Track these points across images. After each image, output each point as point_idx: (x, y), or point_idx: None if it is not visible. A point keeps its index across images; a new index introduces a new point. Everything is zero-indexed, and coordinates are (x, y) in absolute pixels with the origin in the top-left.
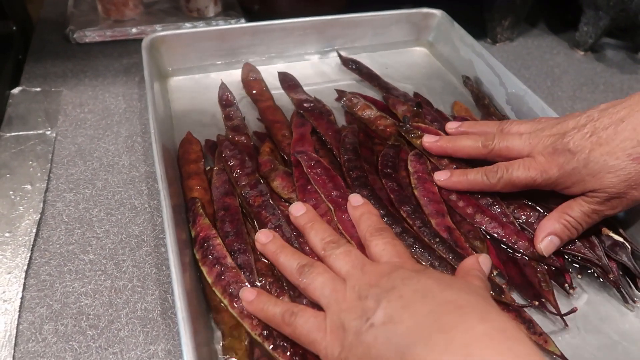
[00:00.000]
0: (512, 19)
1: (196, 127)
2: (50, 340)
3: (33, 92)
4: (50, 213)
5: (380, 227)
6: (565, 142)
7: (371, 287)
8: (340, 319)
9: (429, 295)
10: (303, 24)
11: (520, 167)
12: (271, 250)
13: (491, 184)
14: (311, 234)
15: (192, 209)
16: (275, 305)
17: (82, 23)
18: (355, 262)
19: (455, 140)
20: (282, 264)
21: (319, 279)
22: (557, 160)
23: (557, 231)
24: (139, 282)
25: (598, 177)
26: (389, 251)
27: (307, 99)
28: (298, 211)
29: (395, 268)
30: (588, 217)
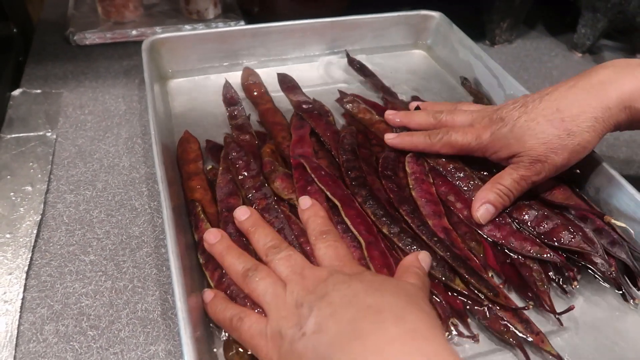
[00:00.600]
0: (510, 21)
1: (196, 128)
2: (51, 340)
3: (33, 93)
4: (51, 214)
5: (323, 230)
6: (499, 112)
7: (308, 293)
8: (278, 326)
9: (354, 301)
10: (302, 26)
11: (459, 132)
12: (218, 250)
13: (431, 143)
14: (254, 238)
15: (194, 213)
16: (225, 310)
17: (83, 25)
18: (295, 267)
19: (412, 115)
20: (228, 266)
21: (262, 284)
22: (490, 127)
23: (491, 199)
24: (140, 283)
25: (521, 141)
26: (330, 255)
27: (305, 100)
28: (242, 215)
29: (333, 272)
30: (517, 184)
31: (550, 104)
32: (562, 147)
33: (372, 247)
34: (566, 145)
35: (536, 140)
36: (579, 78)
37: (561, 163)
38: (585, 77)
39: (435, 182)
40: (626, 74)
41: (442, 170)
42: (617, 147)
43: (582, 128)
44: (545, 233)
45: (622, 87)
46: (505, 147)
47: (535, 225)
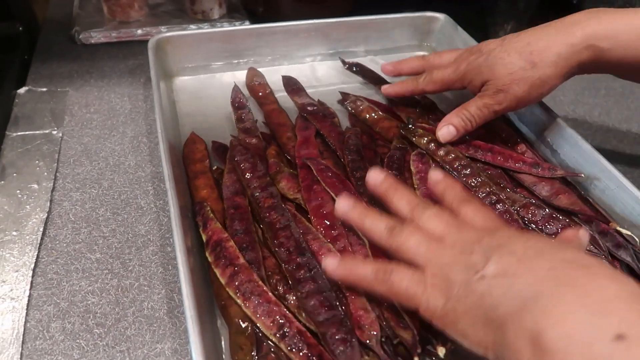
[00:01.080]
0: (514, 24)
1: (201, 127)
2: (57, 338)
3: (39, 92)
4: (57, 212)
5: (466, 198)
6: (479, 45)
7: (474, 243)
8: (442, 272)
9: (544, 253)
10: (307, 26)
11: (440, 69)
12: (356, 215)
13: (417, 84)
14: (395, 197)
15: (202, 213)
16: (365, 265)
17: (88, 24)
18: (450, 221)
19: (403, 61)
20: (369, 228)
21: (413, 238)
22: (468, 58)
23: (454, 122)
24: (146, 281)
25: (492, 69)
26: (481, 217)
27: (310, 103)
28: (378, 178)
29: (497, 228)
30: (480, 111)
31: (524, 38)
32: (524, 79)
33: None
34: (528, 78)
35: (504, 70)
36: (554, 20)
37: (521, 95)
38: (561, 19)
39: None
40: (594, 17)
41: (448, 167)
42: (621, 150)
43: (545, 62)
44: (551, 234)
45: (587, 27)
46: (478, 75)
47: (542, 225)
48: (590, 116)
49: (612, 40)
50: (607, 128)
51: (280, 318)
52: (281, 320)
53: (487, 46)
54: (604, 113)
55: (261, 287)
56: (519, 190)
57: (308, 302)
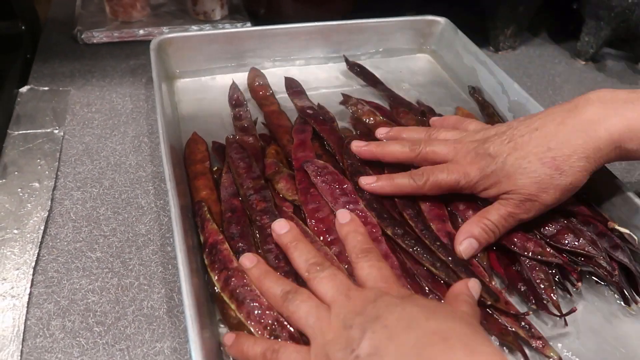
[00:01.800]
0: (514, 28)
1: (202, 128)
2: (57, 336)
3: (41, 91)
4: (58, 211)
5: (365, 248)
6: (486, 147)
7: (356, 315)
8: (324, 351)
9: (413, 325)
10: (309, 28)
11: (444, 170)
12: (255, 275)
13: (418, 186)
14: (295, 254)
15: (200, 214)
16: (255, 345)
17: (90, 24)
18: (340, 286)
19: (384, 146)
20: (267, 290)
21: (303, 307)
22: (478, 163)
23: (475, 234)
24: (146, 280)
25: (512, 179)
26: (374, 275)
27: (310, 106)
28: (281, 229)
29: (381, 294)
30: (504, 220)
31: (541, 142)
32: (554, 187)
33: None
34: (558, 185)
35: (528, 179)
36: (567, 114)
37: (551, 202)
38: (573, 113)
39: None
40: (614, 113)
41: None
42: None
43: (574, 168)
44: (551, 235)
45: (611, 127)
46: (495, 185)
47: (541, 227)
48: None
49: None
50: None
51: (272, 323)
52: (274, 325)
53: (497, 149)
54: None
55: (254, 292)
56: None
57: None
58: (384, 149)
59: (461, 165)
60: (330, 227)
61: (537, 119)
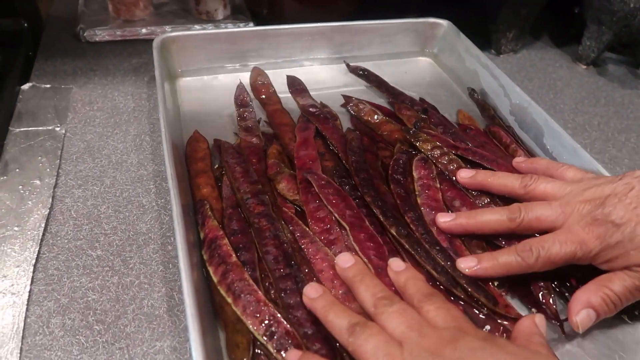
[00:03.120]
0: (516, 31)
1: (204, 127)
2: (57, 333)
3: (43, 88)
4: (59, 208)
5: (429, 292)
6: (606, 212)
7: (434, 356)
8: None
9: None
10: (311, 29)
11: (556, 242)
12: (320, 305)
13: (529, 265)
14: (361, 288)
15: (201, 211)
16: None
17: (93, 22)
18: (411, 322)
19: (477, 216)
20: (331, 321)
21: (372, 342)
22: (596, 231)
23: (594, 305)
24: (146, 279)
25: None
26: (443, 316)
27: (313, 104)
28: (346, 262)
29: (460, 335)
30: (630, 294)
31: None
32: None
33: (382, 274)
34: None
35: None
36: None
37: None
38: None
39: (441, 186)
40: None
41: (449, 175)
42: (620, 160)
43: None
44: None
45: None
46: (621, 257)
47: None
48: (590, 125)
49: None
50: (606, 137)
51: (268, 318)
52: (269, 321)
53: (619, 214)
54: (604, 122)
55: (252, 287)
56: None
57: (293, 314)
58: (477, 219)
59: (574, 233)
60: (332, 226)
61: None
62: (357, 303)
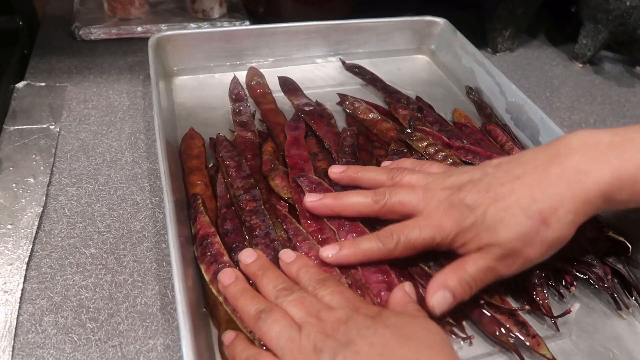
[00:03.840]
0: (512, 30)
1: (199, 125)
2: (50, 331)
3: (38, 86)
4: (53, 206)
5: (321, 278)
6: (461, 196)
7: (327, 337)
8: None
9: (386, 353)
10: (308, 28)
11: (416, 228)
12: (231, 292)
13: (389, 250)
14: (263, 281)
15: (194, 206)
16: (243, 351)
17: (88, 20)
18: (309, 308)
19: (343, 197)
20: (241, 308)
21: (275, 327)
22: (453, 215)
23: (450, 286)
24: (139, 277)
25: (494, 232)
26: (338, 299)
27: (307, 103)
28: (248, 257)
29: (350, 315)
30: (483, 275)
31: (525, 193)
32: (540, 241)
33: (369, 273)
34: (544, 239)
35: (510, 233)
36: (549, 161)
37: (536, 257)
38: (556, 161)
39: None
40: (600, 161)
41: None
42: None
43: (562, 223)
44: None
45: (599, 180)
46: (475, 239)
47: None
48: (585, 123)
49: (629, 191)
50: None
51: None
52: None
53: (473, 197)
54: (600, 120)
55: None
56: None
57: None
58: (343, 201)
59: (433, 218)
60: (324, 225)
61: (516, 166)
62: None
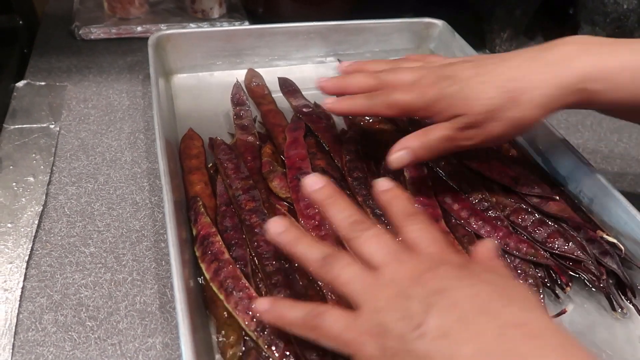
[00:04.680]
0: (510, 31)
1: (198, 124)
2: (49, 330)
3: (37, 85)
4: (53, 205)
5: (412, 211)
6: (450, 69)
7: (414, 283)
8: (377, 319)
9: (489, 310)
10: (307, 28)
11: (401, 90)
12: (286, 240)
13: (371, 105)
14: (333, 210)
15: (194, 208)
16: (293, 308)
17: (88, 20)
18: (389, 248)
19: (349, 79)
20: (301, 255)
21: (348, 271)
22: (439, 84)
23: (412, 147)
24: (139, 276)
25: (467, 102)
26: (425, 238)
27: (306, 104)
28: (316, 184)
29: (439, 262)
30: (445, 141)
31: (506, 71)
32: (504, 119)
33: None
34: (508, 117)
35: (479, 105)
36: (540, 51)
37: (497, 133)
38: (548, 50)
39: (433, 184)
40: (585, 52)
41: (441, 173)
42: (612, 160)
43: (531, 103)
44: (541, 238)
45: (578, 64)
46: (450, 107)
47: (532, 230)
48: (582, 125)
49: (604, 82)
50: (599, 137)
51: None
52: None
53: (460, 71)
54: (596, 122)
55: (244, 284)
56: (511, 195)
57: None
58: (349, 81)
59: (420, 85)
60: (322, 223)
61: (510, 54)
62: None
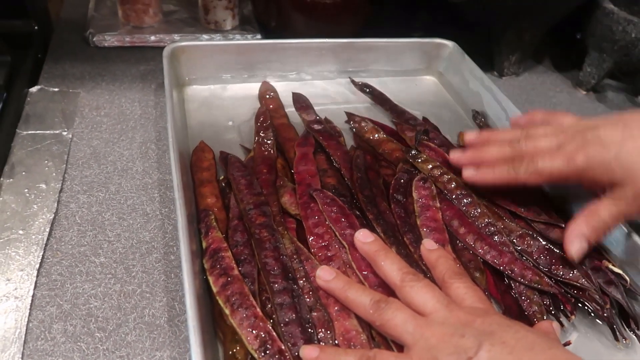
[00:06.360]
0: (519, 55)
1: (210, 137)
2: (59, 339)
3: (51, 92)
4: (64, 213)
5: (459, 272)
6: (596, 133)
7: (464, 325)
8: (431, 355)
9: (536, 348)
10: (319, 44)
11: (546, 157)
12: (338, 286)
13: (516, 175)
14: (386, 262)
15: (206, 221)
16: (346, 355)
17: (102, 27)
18: (439, 297)
19: (483, 151)
20: (353, 300)
21: (400, 315)
22: (586, 149)
23: (586, 234)
24: (148, 288)
25: (629, 171)
26: (472, 295)
27: (317, 120)
28: (367, 237)
29: (486, 313)
30: (616, 220)
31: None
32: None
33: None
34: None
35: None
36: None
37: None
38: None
39: (441, 205)
40: None
41: (448, 195)
42: None
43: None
44: (546, 265)
45: None
46: (606, 174)
47: (537, 257)
48: None
49: None
50: None
51: (263, 334)
52: (264, 337)
53: (609, 134)
54: None
55: (250, 301)
56: (517, 221)
57: (286, 329)
58: (483, 153)
59: (566, 152)
60: (330, 242)
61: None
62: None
